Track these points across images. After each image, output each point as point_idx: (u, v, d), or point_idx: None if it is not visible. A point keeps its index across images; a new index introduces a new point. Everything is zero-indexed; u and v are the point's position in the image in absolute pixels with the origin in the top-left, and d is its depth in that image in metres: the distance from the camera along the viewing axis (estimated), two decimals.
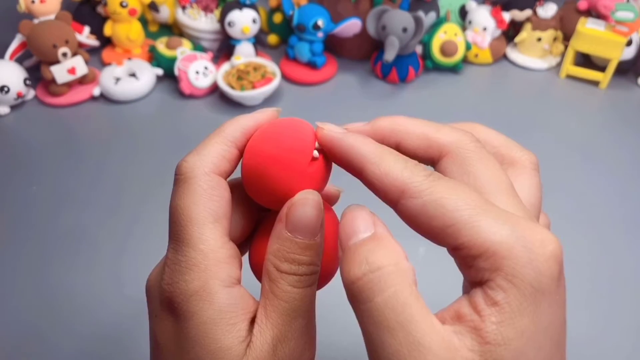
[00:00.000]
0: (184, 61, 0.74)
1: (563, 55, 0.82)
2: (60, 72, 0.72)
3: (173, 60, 0.75)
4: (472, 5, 0.83)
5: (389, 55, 0.72)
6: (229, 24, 0.75)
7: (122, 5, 0.77)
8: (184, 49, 0.76)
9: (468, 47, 0.80)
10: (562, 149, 0.69)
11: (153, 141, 0.70)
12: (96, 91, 0.75)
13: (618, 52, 0.75)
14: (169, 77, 0.77)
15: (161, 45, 0.78)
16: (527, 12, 0.82)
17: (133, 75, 0.75)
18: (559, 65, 0.82)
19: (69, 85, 0.74)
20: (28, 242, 0.57)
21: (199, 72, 0.74)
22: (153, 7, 0.80)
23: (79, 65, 0.73)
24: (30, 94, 0.75)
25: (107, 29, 0.80)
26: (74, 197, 0.62)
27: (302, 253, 0.22)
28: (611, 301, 0.52)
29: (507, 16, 0.81)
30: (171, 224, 0.23)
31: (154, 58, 0.78)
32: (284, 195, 0.23)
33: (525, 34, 0.81)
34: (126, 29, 0.79)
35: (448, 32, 0.79)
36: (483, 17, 0.81)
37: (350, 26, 0.75)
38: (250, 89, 0.71)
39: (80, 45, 0.76)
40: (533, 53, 0.83)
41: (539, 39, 0.81)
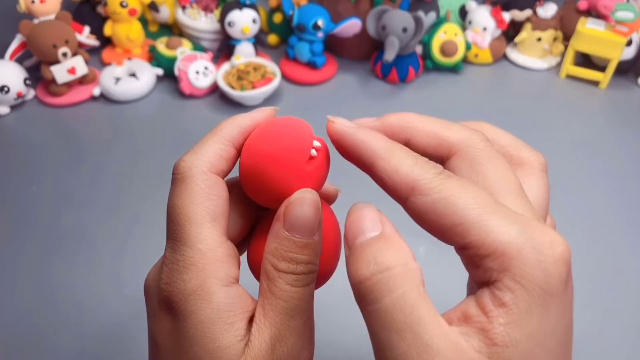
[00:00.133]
0: (184, 61, 0.74)
1: (563, 55, 0.82)
2: (60, 72, 0.72)
3: (173, 60, 0.75)
4: (472, 5, 0.83)
5: (389, 55, 0.72)
6: (229, 24, 0.75)
7: (122, 5, 0.77)
8: (184, 49, 0.76)
9: (468, 47, 0.80)
10: (562, 149, 0.69)
11: (153, 141, 0.70)
12: (96, 91, 0.75)
13: (618, 52, 0.75)
14: (169, 77, 0.77)
15: (161, 45, 0.78)
16: (527, 12, 0.82)
17: (133, 75, 0.75)
18: (559, 65, 0.82)
19: (69, 85, 0.74)
20: (28, 242, 0.57)
21: (199, 72, 0.74)
22: (153, 7, 0.80)
23: (79, 65, 0.73)
24: (30, 94, 0.75)
25: (107, 29, 0.80)
26: (74, 197, 0.62)
27: (300, 252, 0.22)
28: (612, 300, 0.52)
29: (507, 16, 0.81)
30: (169, 223, 0.23)
31: (154, 58, 0.78)
32: (282, 194, 0.23)
33: (525, 34, 0.81)
34: (126, 29, 0.79)
35: (448, 32, 0.79)
36: (483, 17, 0.81)
37: (350, 26, 0.75)
38: (250, 89, 0.71)
39: (80, 45, 0.76)
40: (533, 53, 0.83)
41: (539, 39, 0.81)
